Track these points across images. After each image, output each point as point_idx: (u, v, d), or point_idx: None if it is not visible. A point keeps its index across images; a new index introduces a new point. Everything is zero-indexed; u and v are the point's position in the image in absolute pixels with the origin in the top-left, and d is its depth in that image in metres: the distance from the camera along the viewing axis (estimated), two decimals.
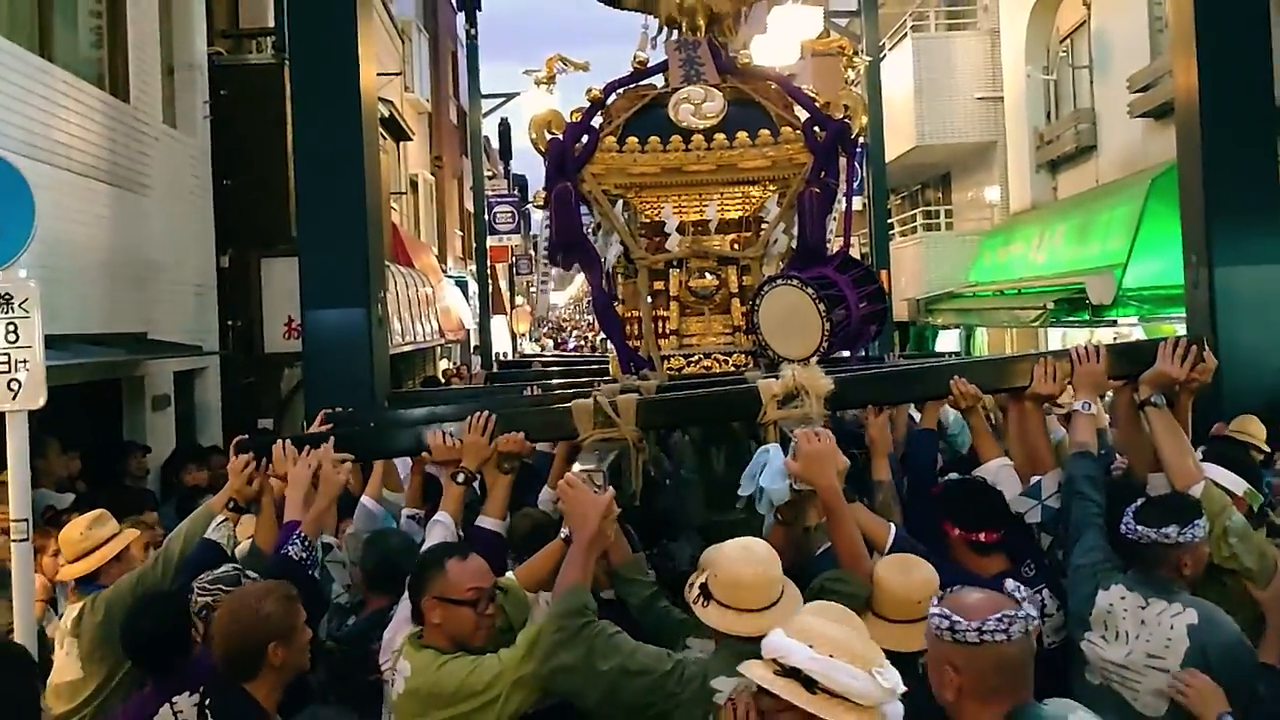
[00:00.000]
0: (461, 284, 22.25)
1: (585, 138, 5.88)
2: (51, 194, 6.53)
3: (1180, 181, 7.70)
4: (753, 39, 17.29)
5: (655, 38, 6.69)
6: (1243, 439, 5.16)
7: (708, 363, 5.84)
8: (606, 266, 6.18)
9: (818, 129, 5.91)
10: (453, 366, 20.78)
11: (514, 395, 6.18)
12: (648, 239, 6.02)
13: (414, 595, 3.31)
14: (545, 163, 6.02)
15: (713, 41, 6.33)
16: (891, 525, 3.78)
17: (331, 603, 4.31)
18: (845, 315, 5.48)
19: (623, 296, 6.29)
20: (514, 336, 33.03)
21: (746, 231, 6.10)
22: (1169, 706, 3.23)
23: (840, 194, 6.12)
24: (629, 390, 4.78)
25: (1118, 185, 12.49)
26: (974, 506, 3.84)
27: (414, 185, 20.79)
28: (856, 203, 15.67)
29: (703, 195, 5.91)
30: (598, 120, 6.03)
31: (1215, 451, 4.29)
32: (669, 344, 5.90)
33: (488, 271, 23.87)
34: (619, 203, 5.93)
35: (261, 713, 3.22)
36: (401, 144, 18.59)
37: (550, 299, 59.47)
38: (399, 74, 18.74)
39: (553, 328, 62.24)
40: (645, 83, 6.21)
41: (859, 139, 6.25)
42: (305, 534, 3.90)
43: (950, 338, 17.85)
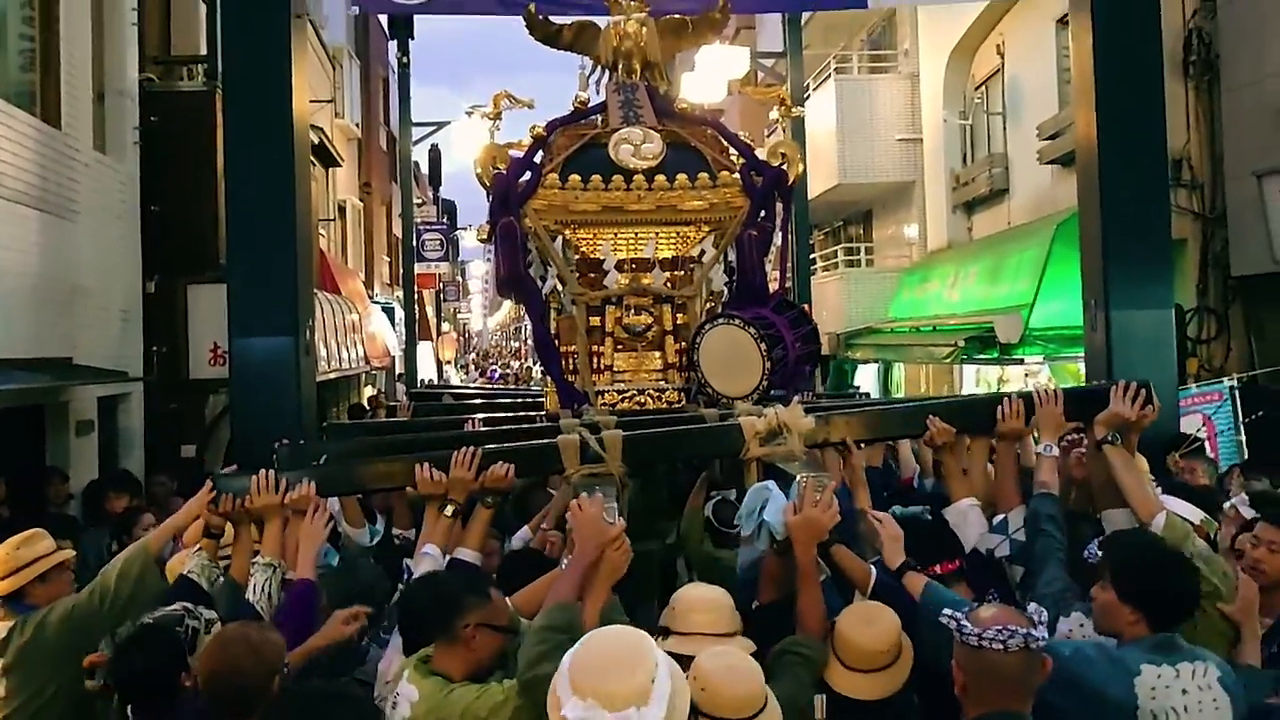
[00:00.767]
0: (388, 310, 22.21)
1: (528, 174, 6.01)
2: None
3: (1080, 228, 8.00)
4: (681, 77, 17.70)
5: (592, 78, 6.91)
6: None
7: (641, 398, 5.98)
8: (556, 301, 6.34)
9: (755, 174, 6.15)
10: (378, 394, 20.72)
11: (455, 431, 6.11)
12: (584, 275, 6.16)
13: (445, 619, 3.29)
14: (489, 197, 6.14)
15: (650, 85, 6.57)
16: (873, 569, 3.83)
17: None
18: (783, 354, 5.66)
19: (557, 331, 6.39)
20: (440, 363, 32.94)
21: (680, 270, 6.28)
22: None
23: (776, 237, 6.39)
24: (590, 426, 4.83)
25: (1026, 228, 12.96)
26: (925, 542, 3.97)
27: (342, 211, 20.74)
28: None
29: (640, 234, 6.08)
30: (539, 157, 6.18)
31: (1169, 485, 4.57)
32: (603, 379, 6.03)
33: (415, 298, 23.87)
34: (558, 239, 6.10)
35: None
36: (331, 170, 18.57)
37: (474, 325, 59.29)
38: (330, 101, 18.76)
39: (479, 355, 62.01)
40: (583, 121, 6.39)
41: (794, 185, 6.51)
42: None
43: (869, 372, 18.23)
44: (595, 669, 2.63)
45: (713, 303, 6.49)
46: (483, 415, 6.23)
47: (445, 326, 39.40)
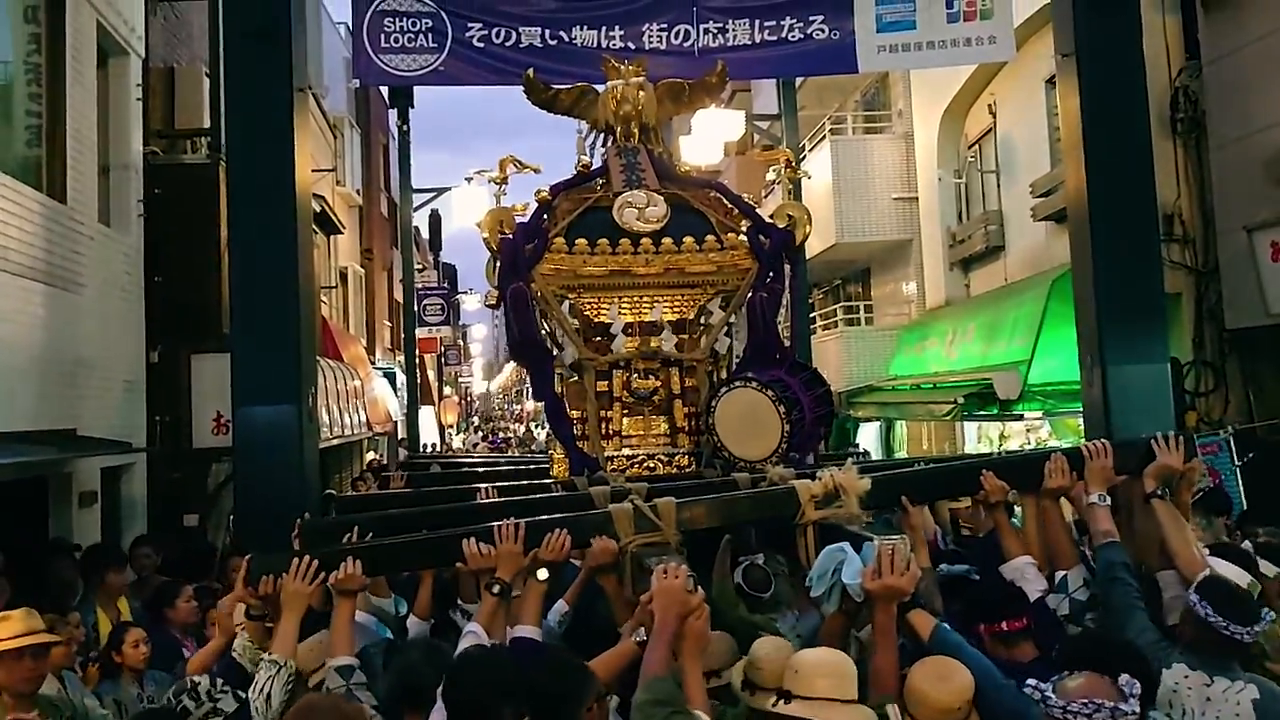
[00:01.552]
0: (390, 375, 22.28)
1: (535, 239, 6.03)
2: None
3: (1074, 284, 8.06)
4: (678, 140, 17.90)
5: (588, 141, 6.98)
6: None
7: (651, 464, 5.95)
8: (561, 366, 6.32)
9: (763, 237, 6.20)
10: (377, 459, 20.72)
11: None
12: (590, 340, 6.17)
13: (578, 698, 3.28)
14: (498, 261, 6.17)
15: (649, 148, 6.64)
16: (934, 620, 3.77)
17: None
18: (800, 416, 5.67)
19: (565, 397, 6.37)
20: (442, 428, 32.95)
21: (684, 334, 6.30)
22: None
23: (785, 299, 6.42)
24: (620, 494, 4.78)
25: (1023, 285, 13.04)
26: (990, 598, 3.99)
27: (344, 278, 20.90)
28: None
29: (645, 297, 6.11)
30: (544, 221, 6.23)
31: (1214, 549, 4.53)
32: (612, 445, 6.02)
33: (416, 363, 23.95)
34: (565, 303, 6.11)
35: None
36: (332, 237, 18.75)
37: (477, 388, 59.30)
38: (331, 170, 18.98)
39: (483, 418, 61.88)
40: (585, 185, 6.45)
41: (801, 246, 6.56)
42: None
43: (871, 431, 18.23)
44: None
45: (713, 367, 6.48)
46: (500, 484, 5.97)
47: (447, 390, 39.47)
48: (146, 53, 10.59)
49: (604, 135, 6.85)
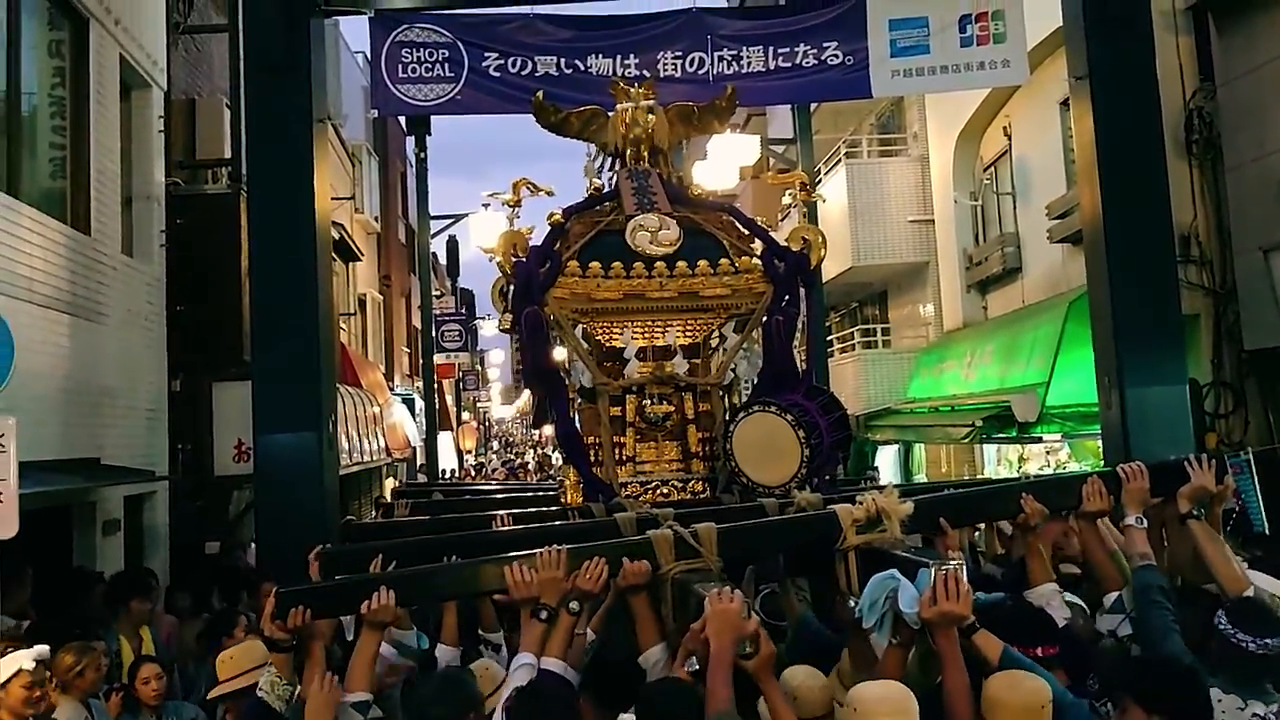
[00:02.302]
0: (408, 401, 22.36)
1: (548, 262, 5.98)
2: (15, 327, 6.74)
3: (1091, 306, 8.09)
4: (694, 164, 17.99)
5: (596, 163, 7.00)
6: None
7: (665, 489, 5.89)
8: (573, 391, 6.27)
9: (777, 260, 6.19)
10: (398, 483, 20.76)
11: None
12: (603, 365, 6.14)
13: None
14: (510, 284, 6.11)
15: (659, 171, 6.61)
16: (1000, 643, 3.67)
17: None
18: (819, 441, 5.62)
19: (579, 421, 6.32)
20: (460, 453, 33.00)
21: (696, 358, 6.27)
22: None
23: (801, 321, 6.39)
24: (647, 522, 4.70)
25: (1040, 307, 13.03)
26: (1028, 625, 3.92)
27: (362, 305, 21.02)
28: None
29: (658, 321, 6.08)
30: (558, 244, 6.17)
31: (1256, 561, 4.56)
32: (626, 471, 5.97)
33: (435, 388, 24.03)
34: (578, 328, 6.06)
35: None
36: (351, 264, 18.89)
37: (495, 413, 59.32)
38: (350, 198, 19.14)
39: (502, 444, 61.84)
40: (596, 208, 6.40)
41: (817, 269, 6.55)
42: None
43: (889, 454, 18.19)
44: None
45: (726, 391, 6.44)
46: (515, 512, 5.86)
47: (465, 415, 39.53)
48: (169, 85, 10.74)
49: (613, 158, 6.85)
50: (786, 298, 6.12)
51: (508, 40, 8.83)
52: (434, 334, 24.49)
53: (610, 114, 6.83)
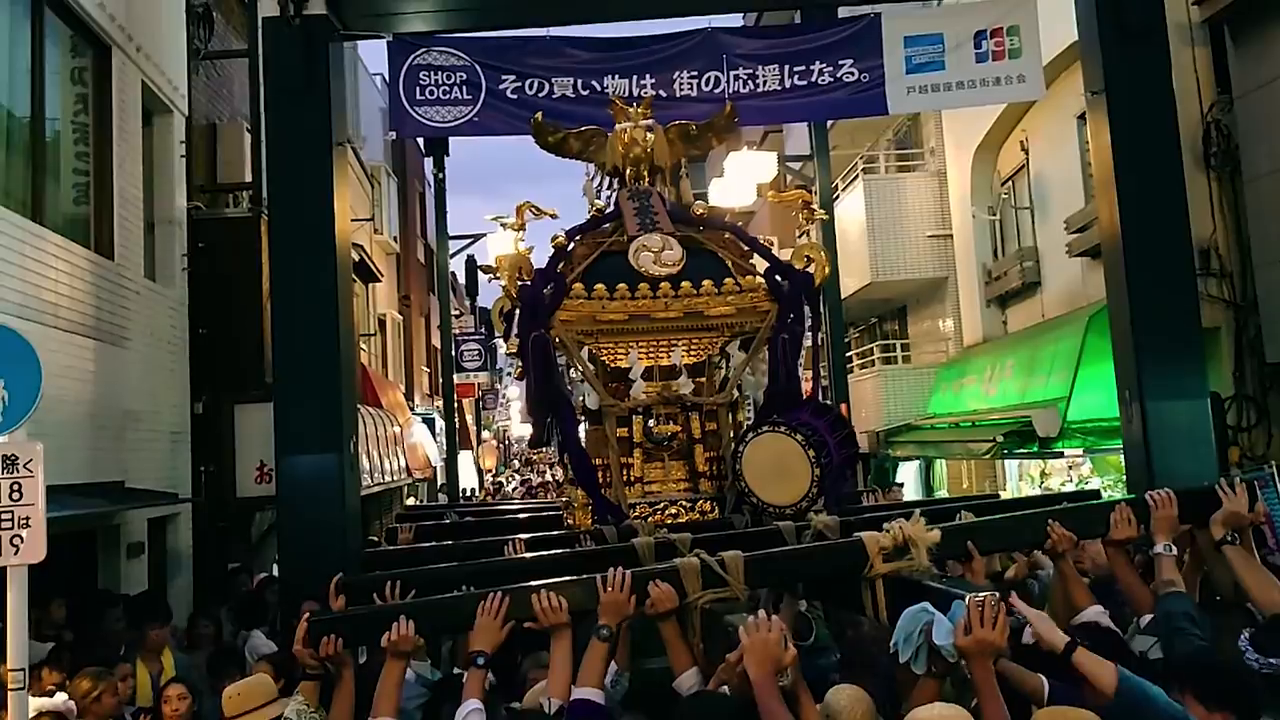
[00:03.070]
0: (428, 421, 22.43)
1: (552, 284, 5.96)
2: (41, 352, 6.81)
3: (1110, 320, 8.05)
4: (711, 182, 18.03)
5: (595, 183, 6.97)
6: None
7: (673, 510, 5.84)
8: (580, 413, 6.25)
9: (781, 278, 6.16)
10: (400, 508, 20.75)
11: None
12: (608, 385, 6.10)
13: None
14: (516, 307, 6.08)
15: (660, 191, 6.57)
16: (1044, 679, 3.66)
17: None
18: (828, 460, 5.59)
19: (586, 443, 6.26)
20: (481, 472, 33.06)
21: (701, 377, 6.23)
22: None
23: (806, 340, 6.38)
24: (665, 546, 4.70)
25: (1060, 321, 12.98)
26: (1092, 642, 3.85)
27: (382, 325, 21.12)
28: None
29: (663, 342, 6.03)
30: (561, 266, 6.17)
31: None
32: (634, 492, 5.93)
33: (455, 408, 24.09)
34: (584, 349, 6.03)
35: None
36: (370, 285, 19.00)
37: (515, 431, 59.24)
38: (370, 219, 19.26)
39: (523, 462, 61.69)
40: (599, 229, 6.38)
41: (821, 287, 6.54)
42: None
43: (911, 470, 18.14)
44: None
45: (729, 409, 6.41)
46: (525, 536, 5.81)
47: (485, 434, 39.61)
48: (190, 110, 10.86)
49: (612, 178, 6.82)
50: (791, 316, 6.09)
51: (524, 62, 8.89)
52: (454, 353, 24.59)
53: (610, 133, 6.84)
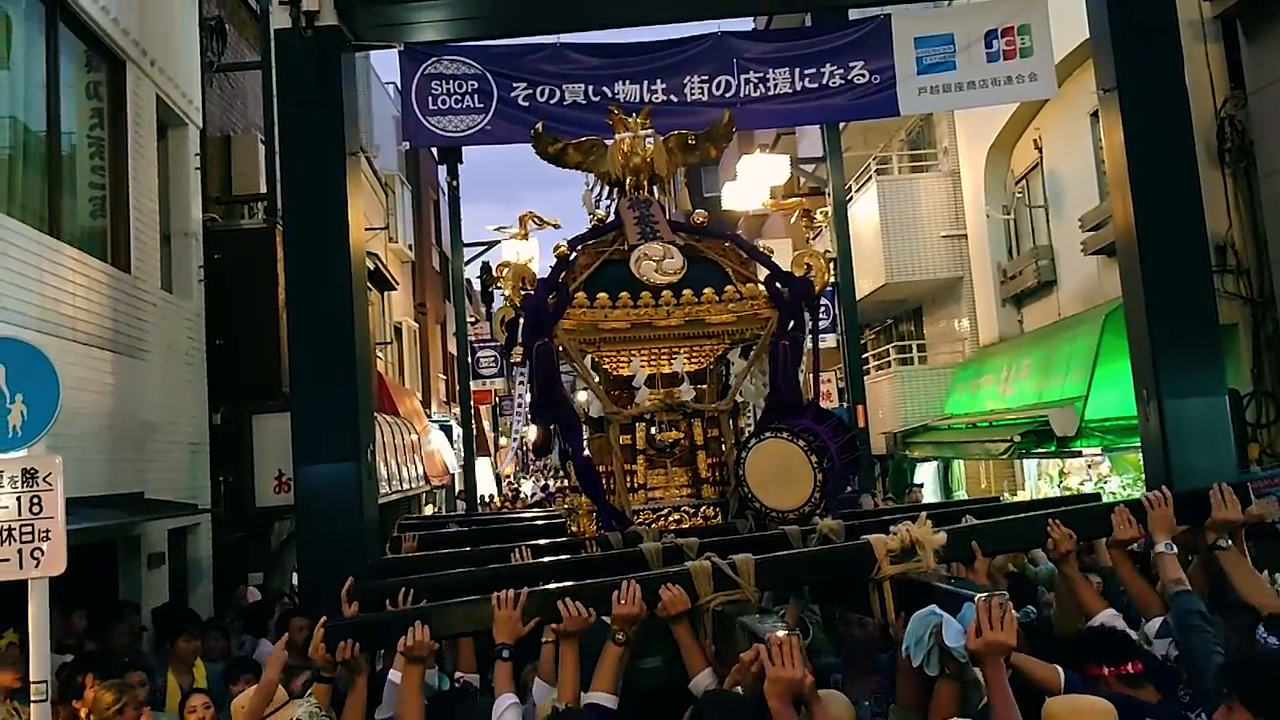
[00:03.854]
0: (445, 428, 22.48)
1: (556, 294, 5.96)
2: (59, 366, 6.86)
3: (1127, 319, 8.03)
4: (724, 186, 18.03)
5: (594, 193, 6.98)
6: None
7: (677, 516, 5.87)
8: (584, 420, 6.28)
9: (781, 285, 6.16)
10: (406, 516, 20.73)
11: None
12: (611, 393, 6.11)
13: None
14: (522, 318, 6.09)
15: (660, 201, 6.55)
16: (1059, 670, 3.70)
17: None
18: (830, 465, 5.62)
19: (589, 451, 6.28)
20: (498, 478, 33.09)
21: (703, 384, 6.23)
22: None
23: (807, 346, 6.41)
24: (672, 552, 4.73)
25: (1076, 320, 12.93)
26: (1114, 644, 3.93)
27: (398, 333, 21.20)
28: (830, 339, 16.11)
29: (665, 349, 6.03)
30: (564, 275, 6.14)
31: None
32: (637, 499, 5.95)
33: (472, 414, 24.13)
34: (587, 358, 6.05)
35: None
36: (386, 294, 19.06)
37: (531, 437, 59.31)
38: (384, 227, 19.32)
39: (544, 469, 61.56)
40: (600, 239, 6.36)
41: (821, 294, 6.55)
42: None
43: (928, 470, 18.09)
44: None
45: (731, 415, 6.38)
46: (532, 544, 5.81)
47: (503, 441, 39.64)
48: (204, 123, 10.92)
49: (612, 188, 6.80)
50: (792, 323, 6.11)
51: (536, 70, 8.92)
52: (470, 360, 24.64)
53: (609, 143, 6.85)
